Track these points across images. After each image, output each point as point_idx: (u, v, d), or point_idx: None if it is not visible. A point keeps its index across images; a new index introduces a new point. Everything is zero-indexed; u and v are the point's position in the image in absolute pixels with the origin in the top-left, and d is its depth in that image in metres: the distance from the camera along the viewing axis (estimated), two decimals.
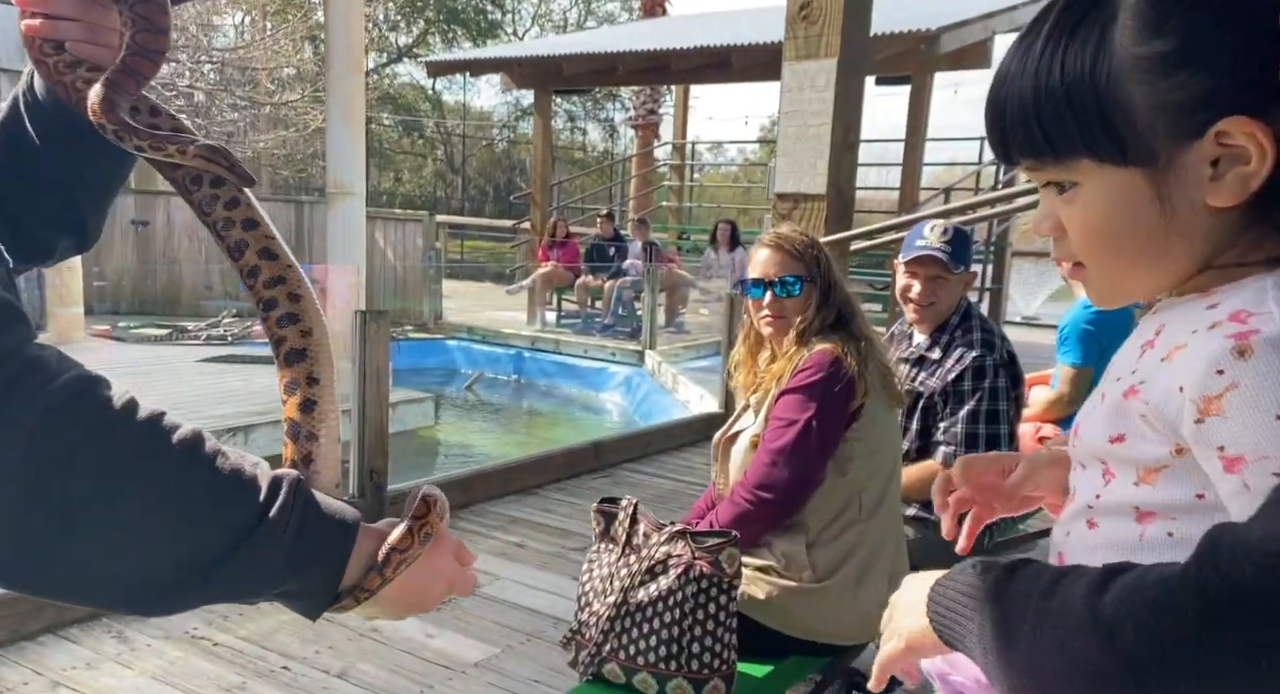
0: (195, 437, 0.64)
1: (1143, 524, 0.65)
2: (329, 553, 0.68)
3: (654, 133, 16.13)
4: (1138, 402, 0.63)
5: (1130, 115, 0.61)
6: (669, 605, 1.55)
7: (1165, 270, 0.66)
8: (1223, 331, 0.58)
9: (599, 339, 8.94)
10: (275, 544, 0.64)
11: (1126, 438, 0.65)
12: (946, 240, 2.26)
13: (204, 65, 16.19)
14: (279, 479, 0.66)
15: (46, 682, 2.35)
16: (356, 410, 3.54)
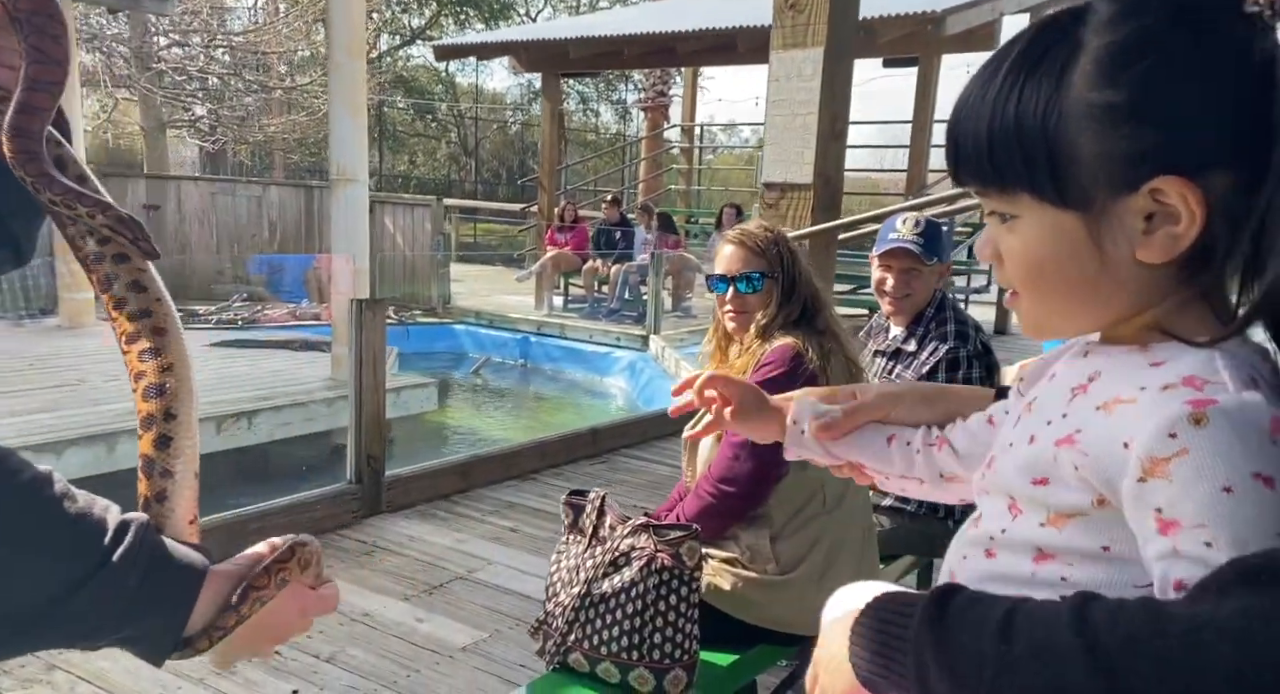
0: (42, 479, 0.64)
1: (1038, 564, 0.67)
2: (174, 598, 0.67)
3: (663, 115, 16.06)
4: (1074, 452, 0.63)
5: (1074, 159, 0.61)
6: (631, 597, 1.59)
7: (1093, 313, 0.67)
8: (1179, 396, 0.58)
9: (604, 324, 8.97)
10: (117, 588, 0.63)
11: (1050, 482, 0.66)
12: (919, 232, 2.27)
13: (217, 49, 16.24)
14: (126, 524, 0.66)
15: (43, 664, 2.42)
16: (354, 397, 3.59)
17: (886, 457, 0.90)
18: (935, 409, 0.92)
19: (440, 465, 4.05)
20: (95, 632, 0.64)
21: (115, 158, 18.41)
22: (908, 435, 0.91)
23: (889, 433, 0.91)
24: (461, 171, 27.40)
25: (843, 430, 0.90)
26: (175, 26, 15.13)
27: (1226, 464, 0.54)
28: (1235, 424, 0.55)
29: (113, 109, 17.73)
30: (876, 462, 0.91)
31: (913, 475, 0.90)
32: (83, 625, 0.64)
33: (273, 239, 10.92)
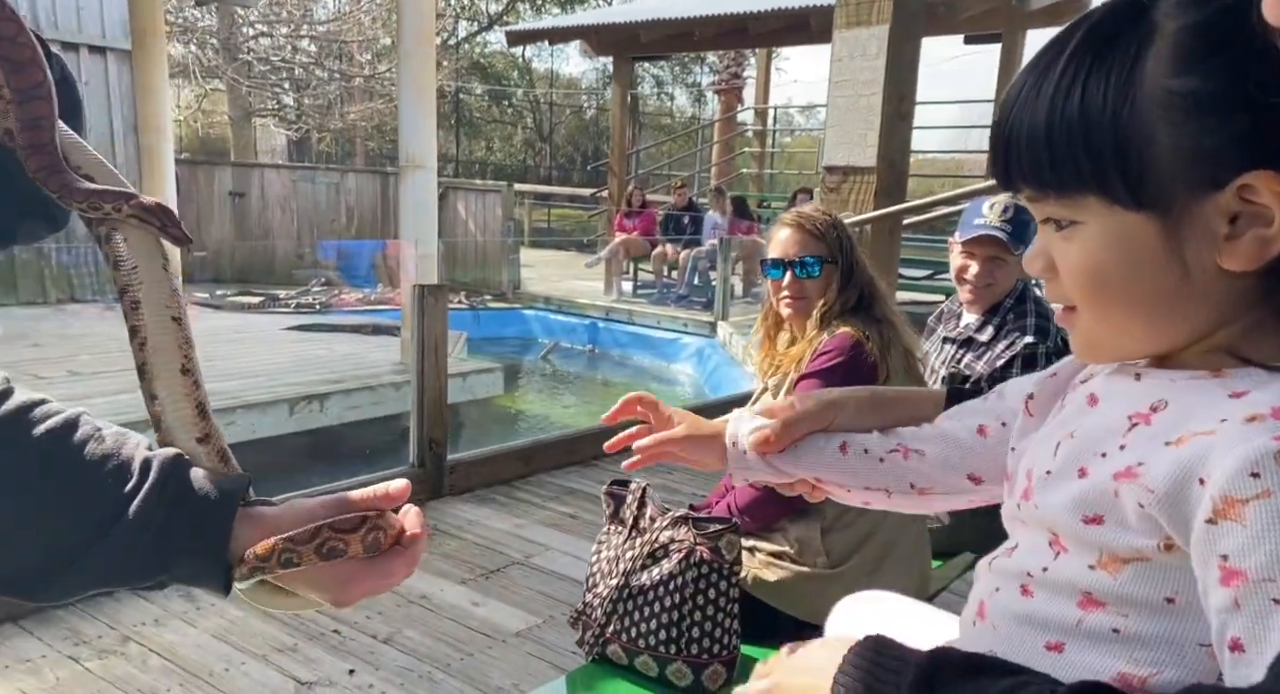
0: (64, 425, 0.66)
1: (1085, 611, 0.59)
2: (208, 537, 0.67)
3: (737, 97, 15.84)
4: (1138, 488, 0.55)
5: (1151, 155, 0.54)
6: (669, 590, 1.55)
7: (1161, 332, 0.59)
8: (1268, 430, 0.50)
9: (672, 309, 8.93)
10: (140, 534, 0.64)
11: (1106, 522, 0.58)
12: (1006, 219, 2.14)
13: (302, 39, 16.70)
14: (148, 464, 0.67)
15: (118, 636, 2.53)
16: (416, 381, 3.64)
17: (844, 467, 0.83)
18: (883, 415, 0.84)
19: (502, 450, 4.09)
20: (136, 571, 0.65)
21: (207, 146, 19.14)
22: (863, 442, 0.83)
23: (839, 440, 0.83)
24: (536, 157, 27.62)
25: (783, 442, 0.82)
26: (263, 17, 15.62)
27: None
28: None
29: (203, 98, 18.43)
30: (834, 473, 0.84)
31: (877, 486, 0.83)
32: (119, 566, 0.65)
33: (350, 225, 11.20)
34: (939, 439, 0.81)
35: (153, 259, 0.77)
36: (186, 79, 16.59)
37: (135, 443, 0.69)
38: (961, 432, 0.80)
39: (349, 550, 0.68)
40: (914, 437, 0.82)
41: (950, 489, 0.81)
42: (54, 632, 2.52)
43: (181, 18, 14.74)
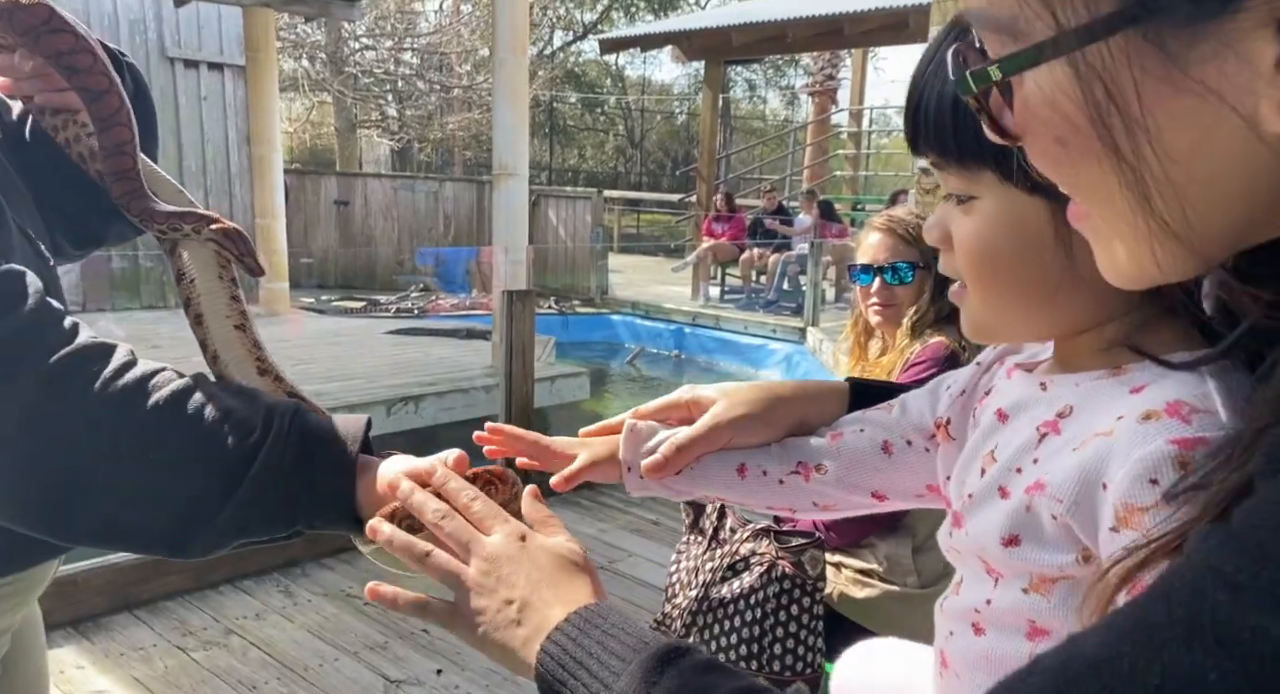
0: (184, 389, 0.69)
1: (1034, 641, 0.55)
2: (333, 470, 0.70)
3: (831, 99, 15.56)
4: (1046, 499, 0.53)
5: None
6: (750, 604, 1.52)
7: (1048, 318, 0.58)
8: (1163, 429, 0.48)
9: (760, 315, 8.83)
10: (274, 474, 0.68)
11: (1022, 541, 0.55)
12: None
13: (404, 52, 17.28)
14: (271, 413, 0.70)
15: (222, 628, 2.64)
16: (504, 384, 3.70)
17: (743, 489, 0.78)
18: (783, 419, 0.78)
19: None
20: (272, 518, 0.69)
21: (314, 156, 20.00)
22: (761, 462, 0.78)
23: (737, 462, 0.78)
24: (627, 163, 27.83)
25: (675, 468, 0.77)
26: (369, 31, 16.24)
27: None
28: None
29: (311, 111, 19.28)
30: (732, 495, 0.79)
31: (780, 505, 0.79)
32: (256, 515, 0.69)
33: (447, 232, 11.50)
34: (842, 455, 0.76)
35: (209, 270, 0.80)
36: (297, 92, 17.40)
37: (254, 395, 0.73)
38: (865, 446, 0.75)
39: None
40: (815, 452, 0.77)
41: (853, 506, 0.79)
42: (164, 622, 2.65)
43: (293, 34, 15.46)
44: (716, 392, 0.80)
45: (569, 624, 0.57)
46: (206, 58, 9.03)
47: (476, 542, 0.62)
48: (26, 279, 0.69)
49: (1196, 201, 0.40)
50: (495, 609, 0.59)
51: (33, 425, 0.64)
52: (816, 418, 0.79)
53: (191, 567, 2.80)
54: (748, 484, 0.78)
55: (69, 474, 0.66)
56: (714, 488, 0.79)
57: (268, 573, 2.96)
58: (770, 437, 0.78)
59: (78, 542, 0.71)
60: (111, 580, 2.65)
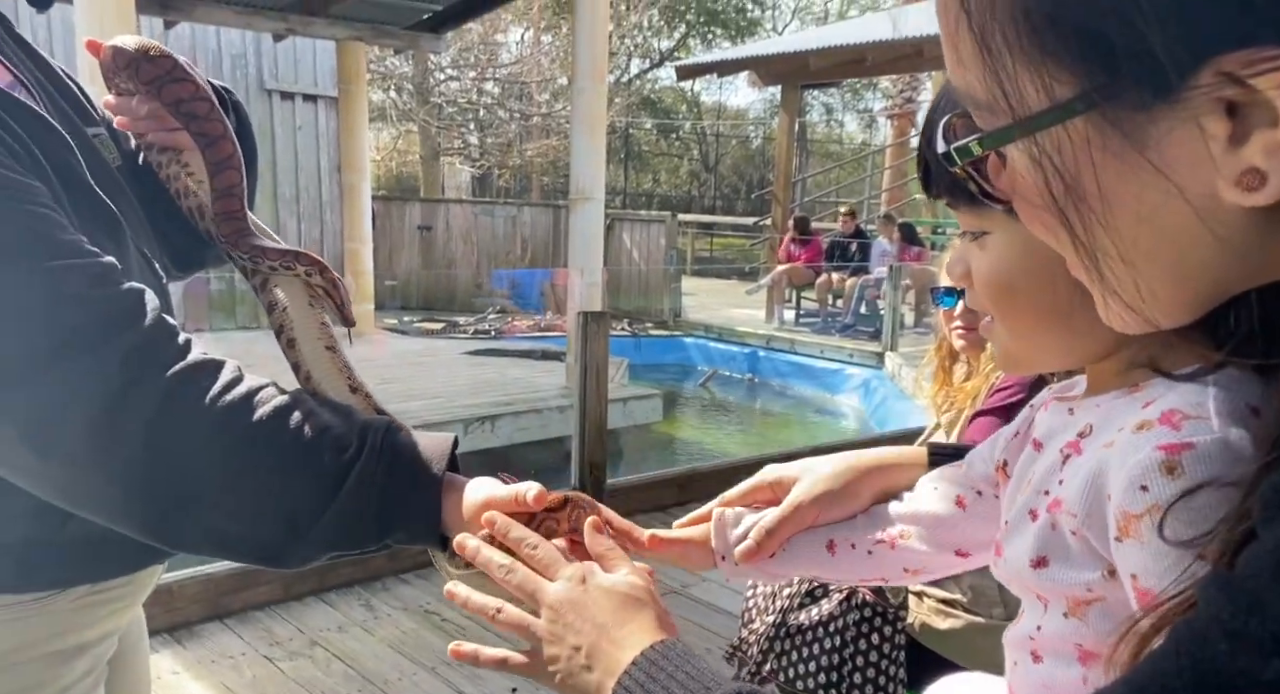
0: (286, 405, 0.73)
1: (1086, 666, 0.55)
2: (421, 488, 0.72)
3: (911, 121, 15.36)
4: (1064, 515, 0.53)
5: None
6: (829, 631, 1.49)
7: (1070, 344, 0.60)
8: (1153, 437, 0.49)
9: (836, 339, 8.71)
10: (367, 490, 0.70)
11: (1050, 561, 0.55)
12: None
13: (486, 81, 17.79)
14: (366, 430, 0.73)
15: (306, 640, 2.72)
16: (578, 405, 3.73)
17: (833, 564, 0.78)
18: (860, 497, 0.78)
19: (660, 476, 4.11)
20: (364, 532, 0.72)
21: (400, 183, 20.67)
22: (848, 536, 0.77)
23: (825, 538, 0.78)
24: (701, 187, 27.93)
25: (767, 553, 0.77)
26: (453, 62, 16.77)
27: None
28: (1214, 474, 0.46)
29: (397, 140, 19.97)
30: (825, 571, 0.80)
31: (872, 576, 0.79)
32: (348, 529, 0.71)
33: (524, 255, 11.72)
34: (922, 519, 0.76)
35: (300, 298, 0.85)
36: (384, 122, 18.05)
37: (349, 412, 0.76)
38: (941, 506, 0.76)
39: (559, 530, 0.72)
40: (897, 518, 0.77)
41: (941, 566, 0.78)
42: (252, 631, 2.74)
43: (382, 67, 16.07)
44: (799, 469, 0.80)
45: (637, 668, 0.58)
46: (302, 90, 9.46)
47: (541, 591, 0.65)
48: (146, 296, 0.73)
49: (1147, 276, 0.43)
50: (566, 657, 0.61)
51: (150, 438, 0.68)
52: (898, 486, 0.80)
53: (279, 578, 2.89)
54: (838, 560, 0.78)
55: (181, 486, 0.69)
56: (807, 567, 0.80)
57: (350, 586, 3.03)
58: (855, 509, 0.79)
59: (184, 550, 0.75)
60: (205, 589, 2.76)
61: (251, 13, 7.19)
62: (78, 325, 0.68)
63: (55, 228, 0.70)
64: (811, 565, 0.79)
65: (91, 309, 0.69)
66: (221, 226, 0.86)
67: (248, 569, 2.84)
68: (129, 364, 0.68)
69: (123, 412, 0.67)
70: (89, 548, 0.82)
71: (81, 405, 0.67)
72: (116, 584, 0.88)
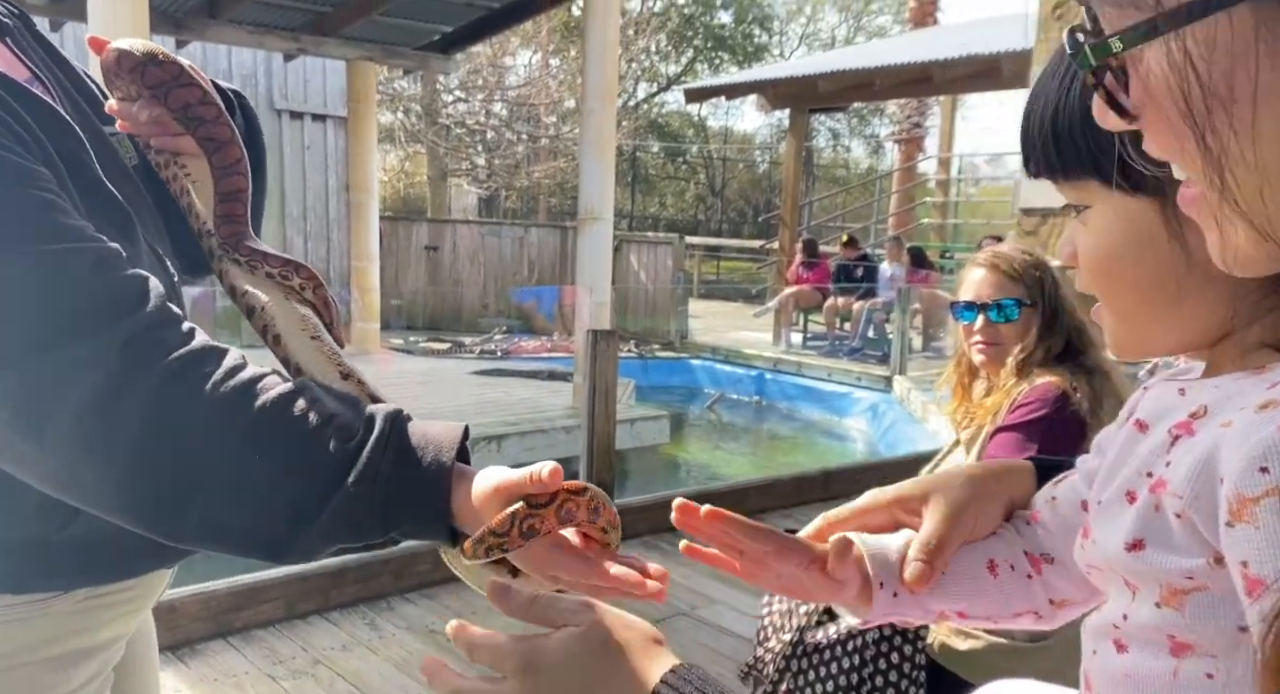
0: (291, 391, 0.70)
1: (1178, 658, 0.51)
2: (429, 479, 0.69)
3: (918, 147, 15.43)
4: (1169, 496, 0.49)
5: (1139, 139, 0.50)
6: (848, 650, 1.45)
7: (1181, 323, 0.56)
8: (1277, 417, 0.44)
9: (844, 362, 8.68)
10: (372, 480, 0.67)
11: (1147, 544, 0.51)
12: None
13: (495, 104, 17.93)
14: (372, 417, 0.70)
15: (309, 658, 2.67)
16: (586, 425, 3.70)
17: (995, 589, 0.68)
18: (1002, 500, 0.70)
19: (667, 497, 4.05)
20: (368, 523, 0.69)
21: (407, 204, 20.78)
22: (1007, 556, 0.68)
23: (985, 557, 0.68)
24: (707, 211, 28.04)
25: (940, 571, 0.67)
26: (461, 84, 16.92)
27: None
28: None
29: (405, 161, 20.11)
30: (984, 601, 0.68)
31: (1025, 608, 0.69)
32: (350, 524, 0.68)
33: (531, 276, 11.75)
34: (1054, 531, 0.69)
35: (277, 294, 0.86)
36: (392, 143, 18.18)
37: (354, 401, 0.73)
38: (1070, 517, 0.67)
39: (577, 515, 0.68)
40: (1032, 538, 0.69)
41: (1080, 595, 0.68)
42: (256, 649, 2.70)
43: (390, 88, 16.22)
44: (919, 485, 0.72)
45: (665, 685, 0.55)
46: (311, 109, 9.53)
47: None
48: (150, 283, 0.72)
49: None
50: None
51: (151, 423, 0.66)
52: (1018, 494, 0.72)
53: (283, 596, 2.86)
54: (1001, 582, 0.69)
55: (180, 475, 0.67)
56: (965, 595, 0.69)
57: (354, 605, 2.99)
58: (1001, 514, 0.71)
59: (185, 541, 0.72)
60: (207, 607, 2.72)
61: (264, 32, 7.25)
62: (79, 308, 0.67)
63: (58, 212, 0.69)
64: (970, 591, 0.69)
65: (93, 293, 0.68)
66: (222, 228, 0.85)
67: (251, 586, 2.80)
68: (129, 349, 0.67)
69: (122, 397, 0.66)
70: (90, 550, 0.80)
71: (80, 389, 0.65)
72: (120, 588, 0.86)
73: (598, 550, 0.71)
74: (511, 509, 0.66)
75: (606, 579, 0.68)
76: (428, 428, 0.72)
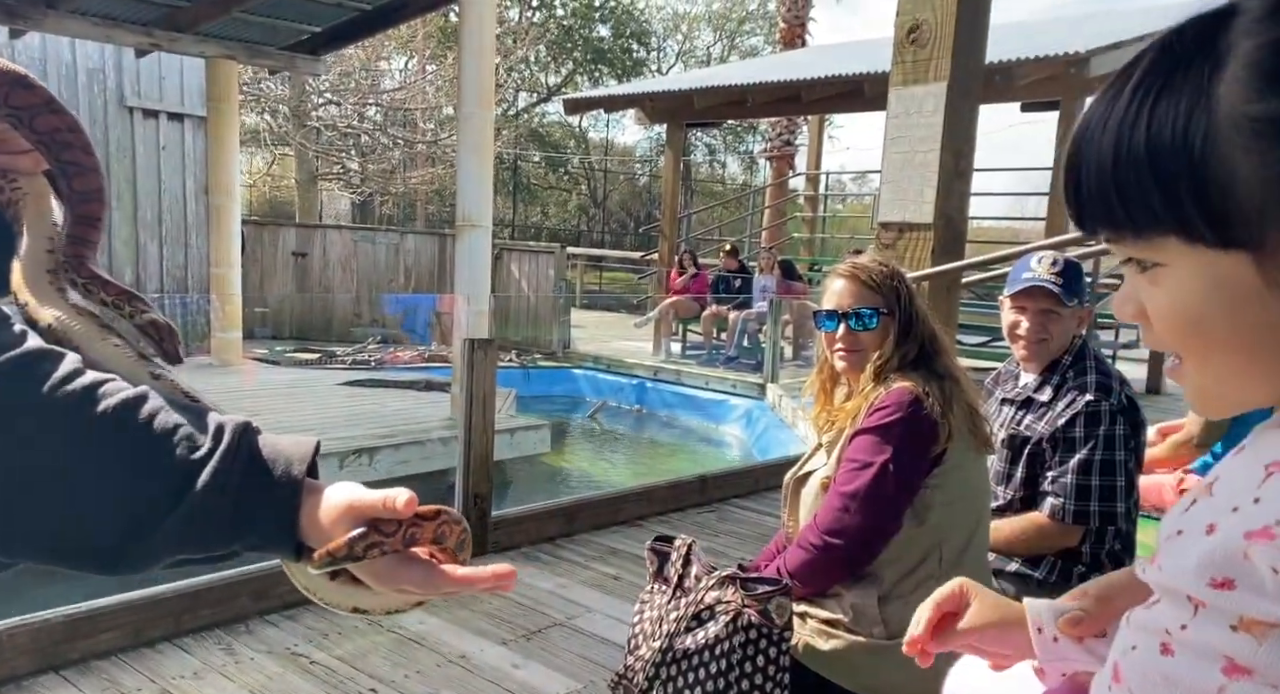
0: (134, 398, 0.67)
1: (1231, 678, 0.51)
2: (277, 492, 0.67)
3: (789, 164, 15.99)
4: (1273, 549, 0.49)
5: (1232, 188, 0.49)
6: (715, 655, 1.47)
7: (1270, 377, 0.53)
8: None
9: (720, 371, 8.86)
10: (218, 492, 0.65)
11: (1238, 587, 0.51)
12: (1057, 272, 2.07)
13: (369, 108, 17.41)
14: (221, 428, 0.68)
15: (157, 689, 2.49)
16: (463, 436, 3.63)
17: None
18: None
19: (545, 508, 4.03)
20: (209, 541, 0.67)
21: (275, 209, 19.89)
22: None
23: None
24: (590, 221, 28.12)
25: (1100, 623, 0.72)
26: (332, 87, 16.35)
27: None
28: None
29: (272, 163, 19.24)
30: None
31: None
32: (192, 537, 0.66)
33: (407, 284, 11.45)
34: None
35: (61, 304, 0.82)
36: (258, 146, 17.37)
37: (204, 412, 0.70)
38: None
39: (421, 538, 0.68)
40: None
41: None
42: (94, 683, 2.50)
43: (257, 88, 15.50)
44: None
45: None
46: (167, 108, 8.99)
47: None
48: None
49: None
50: None
51: None
52: None
53: (128, 623, 2.66)
54: None
55: (15, 476, 0.63)
56: None
57: (209, 629, 2.82)
58: None
59: (15, 553, 0.68)
60: (37, 638, 2.50)
61: (111, 25, 6.78)
62: None
63: None
64: None
65: None
66: (68, 248, 0.83)
67: (89, 614, 2.59)
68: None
69: None
70: None
71: None
72: None
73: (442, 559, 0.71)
74: (359, 530, 0.65)
75: (452, 584, 0.68)
76: (278, 441, 0.70)
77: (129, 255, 8.72)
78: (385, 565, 0.67)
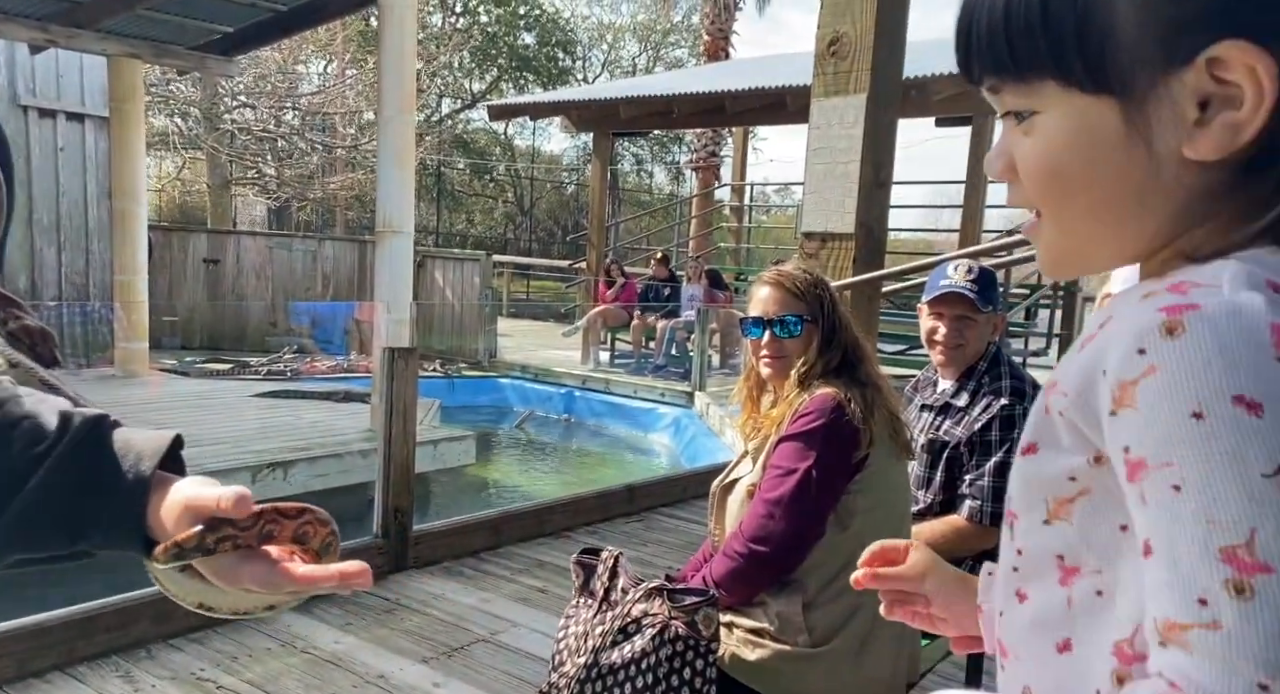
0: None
1: (1068, 586, 0.52)
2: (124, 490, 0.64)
3: (714, 175, 16.18)
4: (1056, 395, 0.51)
5: (1110, 30, 0.50)
6: (642, 669, 1.44)
7: (1127, 233, 0.53)
8: (1155, 302, 0.46)
9: (649, 379, 8.86)
10: (57, 487, 0.63)
11: (1040, 447, 0.53)
12: (972, 279, 2.13)
13: (285, 111, 16.90)
14: (69, 421, 0.65)
15: None
16: (382, 448, 3.52)
17: None
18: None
19: (470, 521, 3.94)
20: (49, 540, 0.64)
21: (186, 215, 19.14)
22: None
23: None
24: (516, 230, 27.89)
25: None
26: (247, 90, 15.83)
27: (1197, 382, 0.42)
28: (1218, 332, 0.43)
29: (182, 168, 18.53)
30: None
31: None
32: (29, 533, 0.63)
33: (326, 292, 11.14)
34: None
35: None
36: (167, 149, 16.70)
37: (56, 404, 0.66)
38: None
39: (279, 535, 0.65)
40: None
41: None
42: None
43: (166, 89, 14.90)
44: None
45: None
46: (65, 107, 8.55)
47: None
48: None
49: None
50: None
51: None
52: None
53: (13, 653, 2.48)
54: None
55: None
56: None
57: (106, 656, 2.65)
58: None
59: None
60: None
61: (1, 19, 6.42)
62: None
63: None
64: None
65: None
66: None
67: None
68: None
69: None
70: None
71: None
72: None
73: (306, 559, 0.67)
74: (211, 522, 0.63)
75: (294, 582, 0.65)
76: (132, 436, 0.66)
77: (23, 261, 8.24)
78: (226, 562, 0.64)
